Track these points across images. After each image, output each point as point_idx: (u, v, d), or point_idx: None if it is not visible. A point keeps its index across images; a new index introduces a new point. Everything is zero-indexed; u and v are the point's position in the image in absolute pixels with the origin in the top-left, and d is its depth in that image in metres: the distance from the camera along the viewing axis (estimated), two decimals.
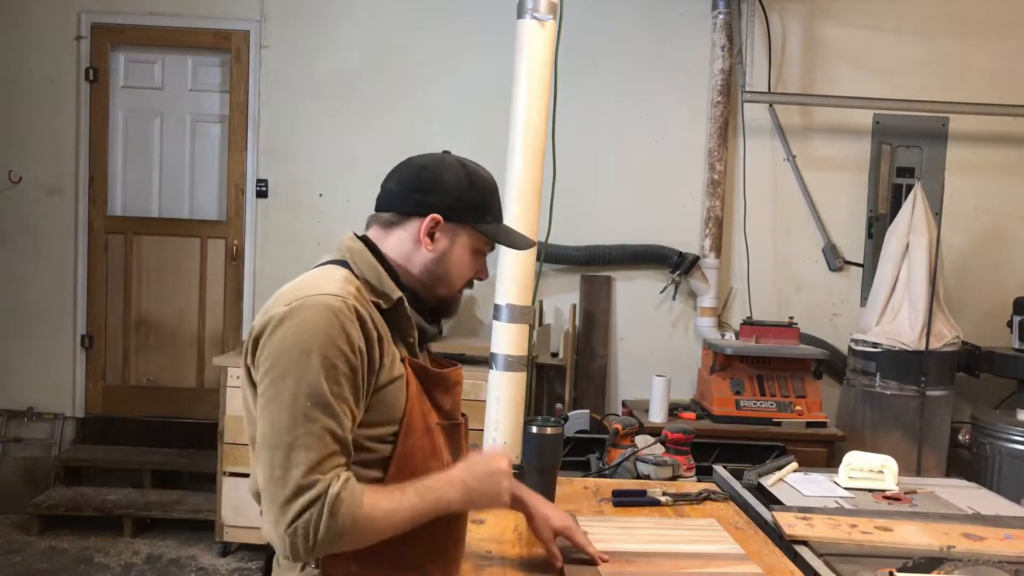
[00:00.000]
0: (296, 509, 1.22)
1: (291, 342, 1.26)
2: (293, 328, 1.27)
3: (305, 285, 1.33)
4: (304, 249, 4.59)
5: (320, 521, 1.21)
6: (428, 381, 1.42)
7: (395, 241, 1.44)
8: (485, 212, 1.45)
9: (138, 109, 4.72)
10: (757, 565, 1.65)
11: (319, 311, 1.27)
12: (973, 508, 2.12)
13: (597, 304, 4.58)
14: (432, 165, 1.45)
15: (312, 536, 1.22)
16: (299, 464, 1.22)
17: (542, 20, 2.62)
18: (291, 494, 1.22)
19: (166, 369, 4.74)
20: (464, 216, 1.44)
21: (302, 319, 1.27)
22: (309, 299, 1.28)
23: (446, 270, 1.45)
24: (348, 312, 1.28)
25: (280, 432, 1.24)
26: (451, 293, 1.48)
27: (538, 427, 2.09)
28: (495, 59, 4.16)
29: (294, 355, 1.25)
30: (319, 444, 1.24)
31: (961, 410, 4.33)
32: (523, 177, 2.64)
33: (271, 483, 1.24)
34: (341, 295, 1.30)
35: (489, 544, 1.76)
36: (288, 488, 1.22)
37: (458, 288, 1.48)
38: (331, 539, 1.23)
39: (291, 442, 1.23)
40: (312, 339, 1.25)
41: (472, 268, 1.48)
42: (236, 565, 4.03)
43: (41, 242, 4.65)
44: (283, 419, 1.24)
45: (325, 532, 1.22)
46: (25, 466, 4.62)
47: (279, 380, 1.25)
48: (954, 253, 4.50)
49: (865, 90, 4.49)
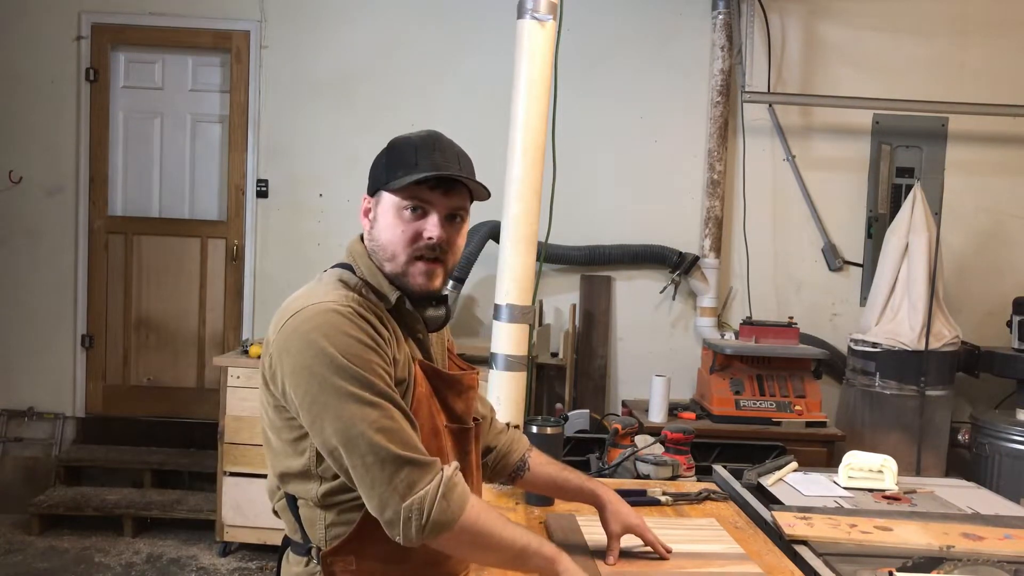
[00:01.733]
0: (405, 488, 1.25)
1: (314, 347, 1.28)
2: (307, 335, 1.29)
3: (307, 296, 1.35)
4: (304, 249, 4.60)
5: (435, 500, 1.24)
6: (440, 383, 1.43)
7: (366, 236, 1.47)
8: (395, 168, 1.39)
9: (138, 109, 4.72)
10: (757, 565, 1.65)
11: (327, 316, 1.30)
12: (973, 508, 2.12)
13: (597, 304, 4.58)
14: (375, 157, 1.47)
15: (426, 514, 1.24)
16: (383, 446, 1.25)
17: (542, 20, 2.63)
18: (395, 469, 1.25)
19: (166, 369, 4.74)
20: (377, 184, 1.43)
21: (313, 325, 1.29)
22: (311, 308, 1.31)
23: (380, 243, 1.41)
24: (353, 314, 1.30)
25: (351, 426, 1.26)
26: (397, 266, 1.40)
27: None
28: (495, 59, 4.17)
29: (322, 358, 1.27)
30: (392, 424, 1.27)
31: (961, 410, 4.34)
32: (523, 177, 2.65)
33: (366, 473, 1.26)
34: (341, 301, 1.32)
35: None
36: (388, 470, 1.25)
37: (403, 257, 1.39)
38: (443, 522, 1.25)
39: (365, 430, 1.25)
40: (331, 340, 1.28)
41: (403, 229, 1.38)
42: (236, 565, 4.04)
43: (41, 242, 4.65)
44: (348, 414, 1.26)
45: (437, 514, 1.25)
46: (25, 466, 4.62)
47: (322, 385, 1.27)
48: (954, 253, 4.50)
49: (865, 90, 4.49)
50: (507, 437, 1.73)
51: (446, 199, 1.40)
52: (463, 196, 1.42)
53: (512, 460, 1.71)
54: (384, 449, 1.25)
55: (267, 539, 3.98)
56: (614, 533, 1.64)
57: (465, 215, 1.44)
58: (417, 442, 1.29)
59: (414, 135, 1.44)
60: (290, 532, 1.40)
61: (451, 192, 1.40)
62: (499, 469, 1.71)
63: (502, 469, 1.71)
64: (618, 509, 1.66)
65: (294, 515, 1.37)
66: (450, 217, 1.41)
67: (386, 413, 1.27)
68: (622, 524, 1.64)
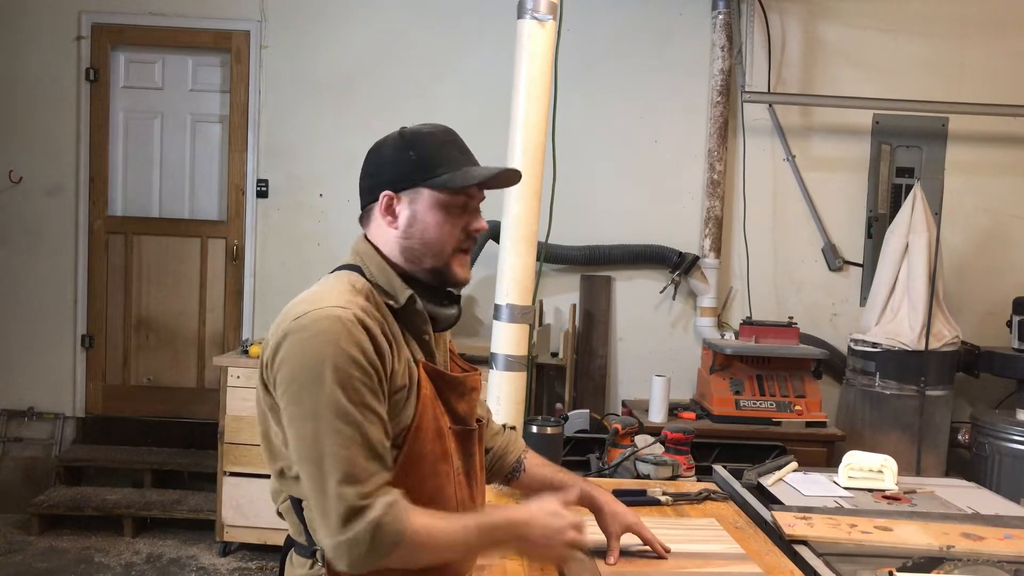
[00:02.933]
0: (339, 522, 1.23)
1: (303, 358, 1.27)
2: (303, 343, 1.27)
3: (311, 299, 1.33)
4: (304, 249, 4.60)
5: (363, 544, 1.22)
6: (443, 385, 1.42)
7: (374, 232, 1.44)
8: (434, 165, 1.39)
9: (138, 109, 4.72)
10: (757, 565, 1.65)
11: (327, 323, 1.27)
12: (973, 508, 2.12)
13: (597, 304, 4.58)
14: (374, 147, 1.46)
15: (353, 556, 1.23)
16: (332, 473, 1.23)
17: (542, 20, 2.63)
18: (333, 505, 1.23)
19: (166, 369, 4.74)
20: (411, 179, 1.40)
21: (312, 333, 1.27)
22: (314, 312, 1.29)
23: (420, 239, 1.39)
24: (355, 322, 1.28)
25: (310, 446, 1.25)
26: (440, 260, 1.40)
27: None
28: (495, 59, 4.17)
29: (309, 368, 1.26)
30: (348, 453, 1.24)
31: (961, 410, 4.34)
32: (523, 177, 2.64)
33: (312, 494, 1.26)
34: (346, 306, 1.29)
35: None
36: (329, 499, 1.24)
37: (449, 251, 1.40)
38: (377, 559, 1.24)
39: (321, 454, 1.24)
40: (324, 351, 1.26)
41: (453, 225, 1.40)
42: (236, 565, 4.04)
43: (41, 242, 4.65)
44: (308, 432, 1.25)
45: (366, 556, 1.23)
46: (25, 466, 4.63)
47: (299, 396, 1.26)
48: (954, 253, 4.50)
49: (864, 90, 4.49)
50: (503, 439, 1.73)
51: (480, 194, 1.44)
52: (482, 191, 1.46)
53: (508, 462, 1.71)
54: (328, 479, 1.23)
55: (267, 539, 3.98)
56: (613, 533, 1.64)
57: None
58: (374, 477, 1.25)
59: (433, 129, 1.44)
60: (294, 534, 1.40)
61: (483, 187, 1.44)
62: (495, 471, 1.71)
63: (498, 471, 1.71)
64: (615, 510, 1.66)
65: (299, 517, 1.36)
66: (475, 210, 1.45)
67: (344, 440, 1.24)
68: (620, 524, 1.65)
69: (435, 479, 1.37)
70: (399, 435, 1.34)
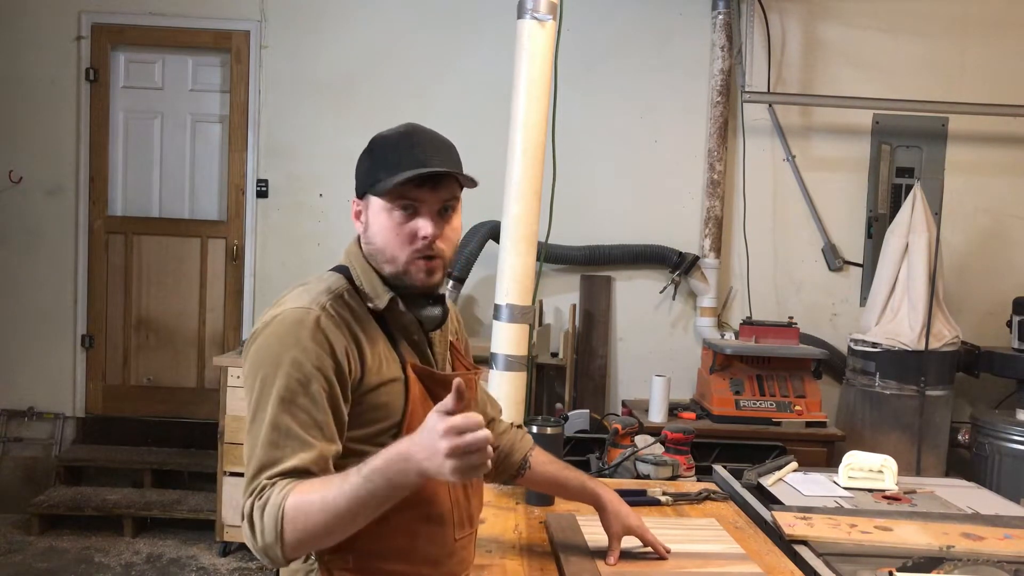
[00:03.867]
0: (246, 508, 1.26)
1: (262, 353, 1.32)
2: (263, 340, 1.33)
3: (286, 299, 1.38)
4: (304, 249, 4.60)
5: (256, 526, 1.24)
6: (433, 385, 1.42)
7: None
8: (378, 170, 1.38)
9: (138, 109, 4.72)
10: (757, 565, 1.66)
11: (286, 325, 1.31)
12: (973, 508, 2.12)
13: (597, 304, 4.58)
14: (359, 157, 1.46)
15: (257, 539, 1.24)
16: (253, 462, 1.28)
17: (542, 20, 2.63)
18: (245, 490, 1.28)
19: (166, 369, 4.74)
20: (364, 187, 1.42)
21: (271, 332, 1.32)
22: (281, 313, 1.34)
23: (377, 246, 1.40)
24: (312, 324, 1.31)
25: (248, 430, 1.31)
26: (396, 266, 1.38)
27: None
28: (495, 59, 4.17)
29: (263, 364, 1.31)
30: (272, 446, 1.27)
31: (961, 410, 4.34)
32: (523, 177, 2.65)
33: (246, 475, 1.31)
34: (309, 307, 1.33)
35: (489, 544, 1.77)
36: (246, 483, 1.28)
37: (403, 257, 1.38)
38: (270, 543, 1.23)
39: (252, 442, 1.29)
40: (278, 350, 1.30)
41: (395, 231, 1.37)
42: (236, 565, 4.04)
43: (41, 242, 4.65)
44: (249, 418, 1.31)
45: (261, 537, 1.23)
46: (25, 466, 4.63)
47: (251, 385, 1.32)
48: (954, 253, 4.50)
49: (864, 90, 4.49)
50: (510, 436, 1.74)
51: (434, 194, 1.38)
52: (452, 187, 1.39)
53: (515, 459, 1.72)
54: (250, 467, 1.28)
55: None
56: (615, 534, 1.65)
57: (456, 204, 1.42)
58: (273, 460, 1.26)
59: (392, 132, 1.42)
60: None
61: (439, 186, 1.37)
62: (502, 468, 1.72)
63: (505, 468, 1.72)
64: (618, 510, 1.67)
65: None
66: (441, 211, 1.39)
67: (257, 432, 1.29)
68: (623, 525, 1.65)
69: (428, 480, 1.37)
70: (386, 432, 1.36)
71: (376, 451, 1.23)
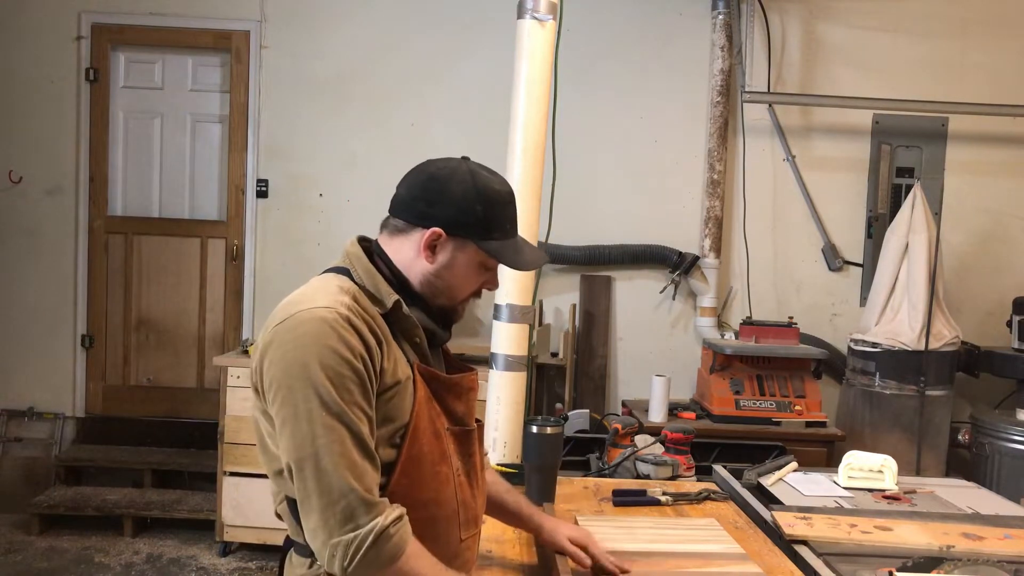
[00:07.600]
0: (342, 520, 1.23)
1: (291, 358, 1.27)
2: (290, 344, 1.28)
3: (299, 300, 1.33)
4: (304, 249, 4.60)
5: (363, 546, 1.22)
6: (439, 386, 1.42)
7: (400, 248, 1.43)
8: (491, 228, 1.40)
9: (138, 109, 4.72)
10: (757, 565, 1.65)
11: (312, 324, 1.27)
12: (973, 508, 2.12)
13: (597, 304, 4.58)
14: (442, 176, 1.40)
15: (351, 557, 1.23)
16: (332, 471, 1.23)
17: (542, 20, 2.63)
18: (336, 501, 1.23)
19: (166, 369, 4.74)
20: (467, 232, 1.39)
21: (298, 334, 1.28)
22: (300, 314, 1.29)
23: (447, 283, 1.42)
24: (341, 321, 1.28)
25: (303, 445, 1.25)
26: (451, 304, 1.45)
27: (538, 427, 2.09)
28: (495, 59, 4.17)
29: (296, 369, 1.26)
30: (344, 450, 1.24)
31: (961, 410, 4.33)
32: (523, 177, 2.65)
33: (307, 495, 1.25)
34: (332, 306, 1.30)
35: (489, 544, 1.77)
36: (329, 496, 1.23)
37: (459, 300, 1.46)
38: (366, 567, 1.23)
39: (316, 452, 1.24)
40: (310, 351, 1.26)
41: (476, 282, 1.45)
42: (236, 565, 4.04)
43: (41, 242, 4.65)
44: (303, 432, 1.25)
45: (362, 560, 1.22)
46: (25, 466, 4.63)
47: (289, 397, 1.26)
48: (954, 253, 4.50)
49: (864, 90, 4.49)
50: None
51: None
52: None
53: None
54: (328, 476, 1.24)
55: (267, 539, 3.98)
56: (564, 544, 1.62)
57: None
58: (368, 475, 1.26)
59: (498, 186, 1.42)
60: (293, 534, 1.40)
61: None
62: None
63: None
64: (554, 526, 1.66)
65: (295, 518, 1.36)
66: None
67: (339, 437, 1.24)
68: (566, 535, 1.63)
69: (435, 480, 1.37)
70: (395, 435, 1.34)
71: (384, 452, 1.30)
